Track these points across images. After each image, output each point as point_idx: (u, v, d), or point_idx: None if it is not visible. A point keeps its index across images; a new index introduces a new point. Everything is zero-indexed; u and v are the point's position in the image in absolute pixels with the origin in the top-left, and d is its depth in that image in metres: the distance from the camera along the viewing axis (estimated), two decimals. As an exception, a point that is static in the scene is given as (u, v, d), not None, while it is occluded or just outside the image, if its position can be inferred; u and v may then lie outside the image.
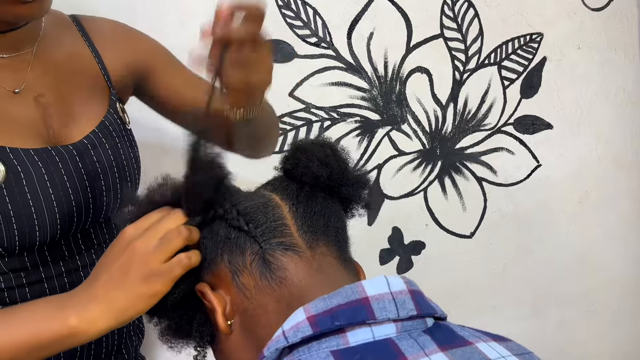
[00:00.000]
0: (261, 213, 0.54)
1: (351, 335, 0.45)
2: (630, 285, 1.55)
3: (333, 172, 0.58)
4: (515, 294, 1.44)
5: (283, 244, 0.53)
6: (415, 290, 0.49)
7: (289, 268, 0.52)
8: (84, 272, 0.74)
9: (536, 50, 1.38)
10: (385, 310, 0.46)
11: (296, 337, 0.45)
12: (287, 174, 0.60)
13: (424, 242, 1.37)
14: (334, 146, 0.60)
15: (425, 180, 1.35)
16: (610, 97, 1.47)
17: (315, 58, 1.23)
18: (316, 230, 0.55)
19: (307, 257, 0.53)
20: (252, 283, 0.52)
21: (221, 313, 0.53)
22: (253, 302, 0.52)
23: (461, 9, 1.31)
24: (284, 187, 0.58)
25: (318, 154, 0.58)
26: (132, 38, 0.85)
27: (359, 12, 1.25)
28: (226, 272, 0.53)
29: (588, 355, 1.53)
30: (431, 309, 0.48)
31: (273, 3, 1.19)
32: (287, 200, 0.56)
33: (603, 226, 1.50)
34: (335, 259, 0.55)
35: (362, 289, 0.47)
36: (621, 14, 1.44)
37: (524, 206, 1.42)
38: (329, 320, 0.45)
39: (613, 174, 1.49)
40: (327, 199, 0.58)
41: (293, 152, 0.60)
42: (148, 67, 0.84)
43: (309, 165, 0.57)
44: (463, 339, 0.47)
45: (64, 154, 0.70)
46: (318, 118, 1.25)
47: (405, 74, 1.30)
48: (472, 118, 1.36)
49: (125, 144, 0.79)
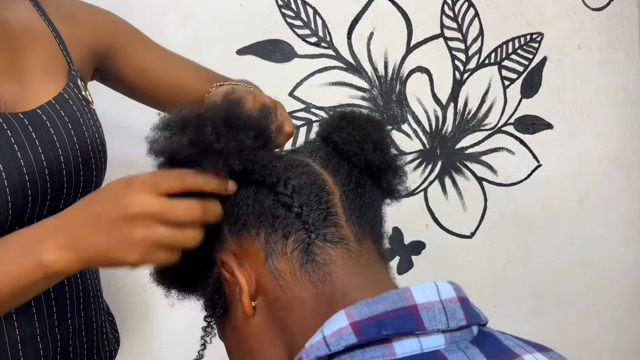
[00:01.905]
0: (315, 196, 0.48)
1: (398, 345, 0.42)
2: (630, 285, 1.54)
3: (385, 159, 0.53)
4: (515, 294, 1.44)
5: (334, 235, 0.48)
6: (463, 297, 0.46)
7: (336, 263, 0.47)
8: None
9: (536, 50, 1.38)
10: (435, 320, 0.43)
11: (339, 345, 0.41)
12: (334, 146, 0.53)
13: (424, 242, 1.36)
14: (386, 128, 0.55)
15: (426, 180, 1.35)
16: (611, 97, 1.47)
17: (315, 58, 1.23)
18: (364, 222, 0.50)
19: (356, 252, 0.49)
20: (289, 271, 0.47)
21: (247, 292, 0.48)
22: (287, 292, 0.47)
23: (461, 9, 1.31)
24: (335, 166, 0.51)
25: (374, 135, 0.53)
26: (90, 13, 0.78)
27: (359, 12, 1.25)
28: (259, 250, 0.48)
29: (588, 355, 1.52)
30: (477, 317, 0.46)
31: (273, 3, 1.19)
32: (339, 185, 0.50)
33: (603, 226, 1.50)
34: (378, 254, 0.51)
35: (410, 295, 0.43)
36: (621, 14, 1.44)
37: (524, 206, 1.42)
38: (375, 329, 0.42)
39: (613, 174, 1.49)
40: (373, 187, 0.53)
41: (341, 122, 0.54)
42: (110, 45, 0.78)
43: (364, 147, 0.52)
44: (510, 350, 0.45)
45: (13, 122, 0.63)
46: (318, 118, 1.25)
47: (406, 73, 1.30)
48: (473, 118, 1.36)
49: (89, 122, 0.71)
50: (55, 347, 0.69)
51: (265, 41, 1.20)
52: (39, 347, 0.67)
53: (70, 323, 0.71)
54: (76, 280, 0.72)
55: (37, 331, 0.67)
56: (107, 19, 0.80)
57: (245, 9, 1.18)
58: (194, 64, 0.86)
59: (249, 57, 1.19)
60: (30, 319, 0.66)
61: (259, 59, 1.20)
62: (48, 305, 0.68)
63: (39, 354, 0.67)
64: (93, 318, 0.75)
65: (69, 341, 0.71)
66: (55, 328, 0.69)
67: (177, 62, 0.85)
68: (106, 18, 0.80)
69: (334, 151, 0.53)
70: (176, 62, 0.85)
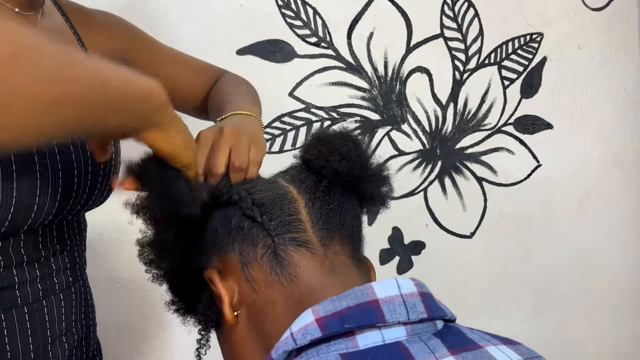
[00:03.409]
0: (277, 206, 0.52)
1: (360, 338, 0.44)
2: (630, 285, 1.54)
3: (354, 167, 0.56)
4: (515, 294, 1.44)
5: (296, 239, 0.51)
6: (425, 292, 0.48)
7: (300, 265, 0.51)
8: (57, 278, 0.69)
9: (536, 50, 1.38)
10: (396, 313, 0.45)
11: (305, 339, 0.44)
12: (306, 165, 0.58)
13: (424, 242, 1.36)
14: (356, 139, 0.58)
15: (425, 180, 1.35)
16: (611, 97, 1.47)
17: (315, 58, 1.23)
18: (331, 227, 0.53)
19: (320, 255, 0.52)
20: (262, 277, 0.51)
21: (228, 303, 0.51)
22: (261, 296, 0.51)
23: (461, 9, 1.31)
24: (302, 179, 0.56)
25: (340, 147, 0.56)
26: (108, 21, 0.82)
27: (359, 12, 1.25)
28: (236, 262, 0.52)
29: (588, 355, 1.52)
30: (441, 312, 0.48)
31: (273, 3, 1.19)
32: (304, 194, 0.54)
33: (603, 226, 1.50)
34: (349, 258, 0.53)
35: (371, 291, 0.46)
36: (621, 14, 1.44)
37: (524, 206, 1.42)
38: (338, 323, 0.44)
39: (613, 174, 1.49)
40: (344, 195, 0.56)
41: (314, 142, 0.57)
42: (125, 51, 0.81)
43: (330, 159, 0.55)
44: (473, 342, 0.47)
45: None
46: (318, 118, 1.25)
47: (405, 73, 1.30)
48: (472, 118, 1.36)
49: None
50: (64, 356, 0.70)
51: (265, 41, 1.20)
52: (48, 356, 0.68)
53: (75, 332, 0.72)
54: (81, 289, 0.73)
55: (49, 339, 0.68)
56: (122, 26, 0.83)
57: (245, 9, 1.18)
58: (193, 61, 0.89)
59: (249, 57, 1.19)
60: (42, 328, 0.67)
61: (259, 59, 1.20)
62: (58, 313, 0.69)
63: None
64: (91, 328, 0.76)
65: (73, 351, 0.71)
66: (62, 337, 0.70)
67: (178, 62, 0.88)
68: (122, 25, 0.83)
69: (307, 168, 0.57)
70: (178, 61, 0.88)
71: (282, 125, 1.23)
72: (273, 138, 1.23)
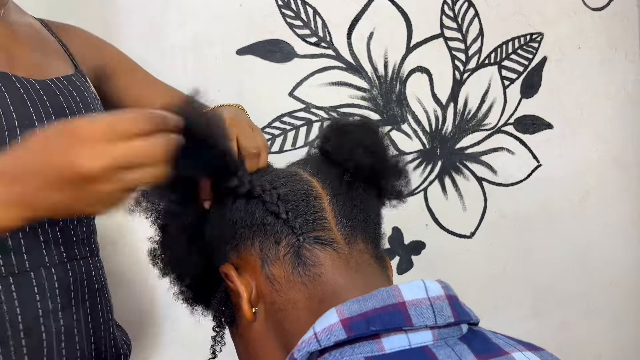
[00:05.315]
0: (302, 202, 0.50)
1: (386, 341, 0.43)
2: (630, 285, 1.54)
3: (377, 162, 0.54)
4: (515, 294, 1.44)
5: (322, 238, 0.50)
6: (452, 295, 0.47)
7: (325, 265, 0.49)
8: (35, 274, 0.65)
9: (536, 50, 1.38)
10: (423, 317, 0.44)
11: (329, 340, 0.43)
12: (326, 156, 0.55)
13: (424, 242, 1.36)
14: (377, 130, 0.56)
15: (426, 180, 1.35)
16: (611, 97, 1.47)
17: (315, 58, 1.23)
18: (355, 225, 0.51)
19: (345, 254, 0.50)
20: (283, 275, 0.49)
21: (247, 300, 0.50)
22: (282, 295, 0.49)
23: (461, 9, 1.31)
24: (324, 172, 0.53)
25: (365, 140, 0.54)
26: (99, 41, 0.87)
27: (359, 12, 1.25)
28: (256, 258, 0.50)
29: (588, 355, 1.52)
30: (467, 316, 0.47)
31: (273, 3, 1.19)
32: (328, 190, 0.52)
33: (603, 226, 1.50)
34: (371, 256, 0.52)
35: (398, 292, 0.45)
36: (621, 13, 1.44)
37: (524, 206, 1.42)
38: (364, 325, 0.43)
39: (613, 174, 1.49)
40: (366, 190, 0.54)
41: (335, 132, 0.55)
42: (113, 71, 0.86)
43: (354, 152, 0.53)
44: (499, 347, 0.46)
45: (27, 86, 0.67)
46: (318, 118, 1.25)
47: (405, 73, 1.30)
48: (472, 118, 1.36)
49: (98, 109, 0.76)
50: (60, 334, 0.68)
51: (265, 41, 1.20)
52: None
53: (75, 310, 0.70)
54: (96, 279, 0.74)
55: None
56: (113, 49, 0.89)
57: (245, 9, 1.18)
58: (170, 90, 0.93)
59: (249, 57, 1.19)
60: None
61: (259, 59, 1.20)
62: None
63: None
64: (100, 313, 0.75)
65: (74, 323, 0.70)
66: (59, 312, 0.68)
67: (157, 88, 0.93)
68: (113, 48, 0.89)
69: (327, 160, 0.55)
70: (157, 87, 0.93)
71: (282, 125, 1.23)
72: (273, 138, 1.23)
